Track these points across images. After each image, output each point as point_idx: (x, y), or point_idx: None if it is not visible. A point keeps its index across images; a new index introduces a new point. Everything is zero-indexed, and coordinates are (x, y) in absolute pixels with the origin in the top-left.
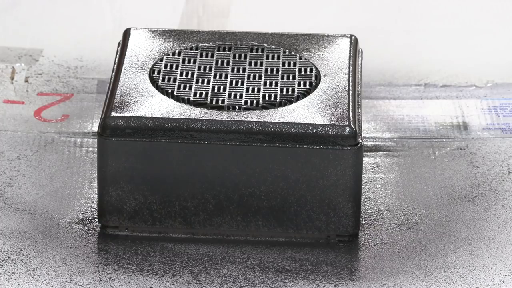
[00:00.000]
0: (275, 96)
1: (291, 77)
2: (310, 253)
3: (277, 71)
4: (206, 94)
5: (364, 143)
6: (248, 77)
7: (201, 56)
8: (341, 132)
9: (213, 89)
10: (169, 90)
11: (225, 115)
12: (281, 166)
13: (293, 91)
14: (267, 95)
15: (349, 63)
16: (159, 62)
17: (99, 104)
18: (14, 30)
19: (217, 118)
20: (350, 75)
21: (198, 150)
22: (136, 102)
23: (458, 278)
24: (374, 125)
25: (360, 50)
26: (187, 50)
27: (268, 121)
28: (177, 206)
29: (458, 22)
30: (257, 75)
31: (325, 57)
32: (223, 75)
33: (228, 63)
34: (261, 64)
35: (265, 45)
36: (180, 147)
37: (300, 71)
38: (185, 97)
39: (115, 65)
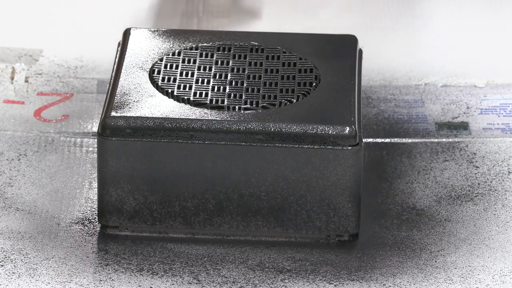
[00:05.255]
0: (275, 96)
1: (291, 78)
2: (310, 253)
3: (277, 71)
4: (206, 94)
5: (364, 143)
6: (248, 77)
7: (201, 56)
8: (341, 132)
9: (213, 89)
10: (169, 90)
11: (225, 115)
12: (281, 166)
13: (293, 91)
14: (267, 95)
15: (349, 63)
16: (159, 62)
17: (99, 104)
18: (14, 30)
19: (217, 118)
20: (350, 75)
21: (198, 150)
22: (136, 102)
23: (458, 278)
24: (374, 125)
25: (360, 50)
26: (187, 50)
27: (268, 121)
28: (177, 206)
29: (458, 22)
30: (257, 75)
31: (325, 57)
32: (223, 75)
33: (228, 63)
34: (261, 64)
35: (265, 45)
36: (180, 147)
37: (300, 71)
38: (185, 97)
39: (115, 65)
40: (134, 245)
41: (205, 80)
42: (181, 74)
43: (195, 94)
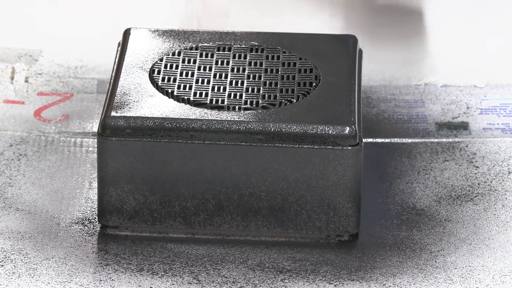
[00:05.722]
0: (275, 96)
1: (291, 77)
2: (310, 253)
3: (277, 71)
4: (206, 94)
5: (364, 143)
6: (248, 77)
7: (201, 56)
8: (341, 132)
9: (213, 89)
10: (169, 90)
11: (225, 115)
12: (281, 166)
13: (292, 91)
14: (267, 95)
15: (349, 63)
16: (159, 62)
17: (99, 104)
18: (14, 30)
19: (217, 118)
20: (350, 75)
21: (198, 150)
22: (136, 102)
23: (458, 278)
24: (374, 125)
25: (360, 50)
26: (187, 50)
27: (268, 121)
28: (177, 206)
29: (458, 22)
30: (257, 75)
31: (325, 57)
32: (223, 75)
33: (228, 63)
34: (261, 64)
35: (265, 45)
36: (180, 147)
37: (300, 71)
38: (185, 97)
39: (115, 65)
40: (134, 245)
41: (205, 80)
42: (181, 74)
43: (195, 94)
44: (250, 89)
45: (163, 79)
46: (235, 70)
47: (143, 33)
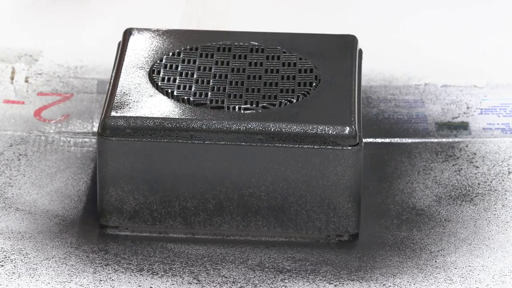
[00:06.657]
0: (275, 96)
1: (291, 78)
2: (310, 253)
3: (277, 71)
4: (206, 94)
5: (364, 143)
6: (248, 77)
7: (200, 56)
8: (341, 132)
9: (213, 89)
10: (169, 90)
11: (225, 115)
12: (281, 166)
13: (293, 91)
14: (267, 95)
15: (349, 63)
16: (159, 62)
17: (99, 104)
18: (14, 30)
19: (217, 118)
20: (350, 75)
21: (198, 150)
22: (136, 102)
23: (458, 278)
24: (374, 125)
25: (360, 50)
26: (187, 50)
27: (268, 121)
28: (177, 206)
29: (458, 22)
30: (257, 75)
31: (325, 57)
32: (223, 75)
33: (228, 64)
34: (261, 64)
35: (265, 45)
36: (180, 147)
37: (300, 71)
38: (185, 97)
39: (115, 65)
40: (134, 245)
41: (205, 80)
42: (181, 75)
43: (195, 94)
44: (250, 89)
45: (163, 79)
46: (235, 70)
47: (143, 33)
